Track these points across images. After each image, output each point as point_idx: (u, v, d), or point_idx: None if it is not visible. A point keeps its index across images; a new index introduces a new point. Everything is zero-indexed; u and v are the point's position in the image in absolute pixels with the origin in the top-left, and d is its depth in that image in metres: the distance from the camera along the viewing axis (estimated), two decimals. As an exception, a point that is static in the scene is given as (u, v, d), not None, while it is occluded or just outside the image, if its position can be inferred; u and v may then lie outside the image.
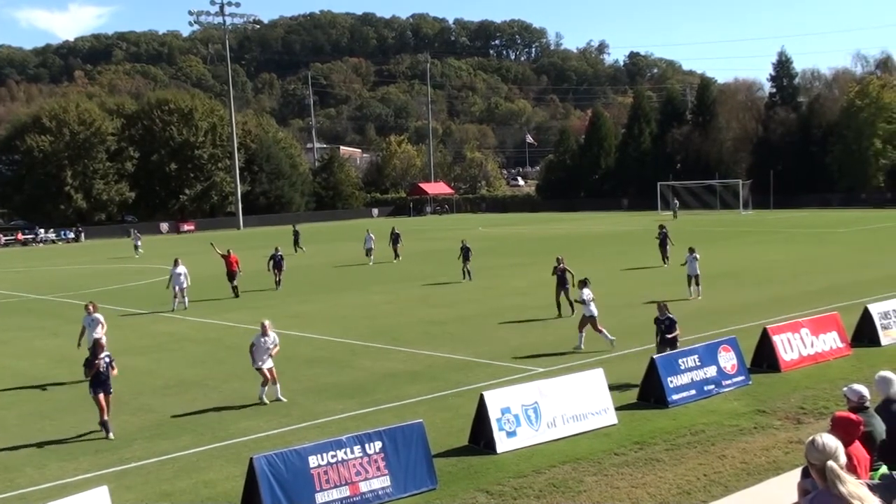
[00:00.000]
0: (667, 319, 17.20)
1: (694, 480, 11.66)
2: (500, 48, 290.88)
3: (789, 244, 47.06)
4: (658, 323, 17.40)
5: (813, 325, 18.69)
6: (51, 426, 16.03)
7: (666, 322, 17.19)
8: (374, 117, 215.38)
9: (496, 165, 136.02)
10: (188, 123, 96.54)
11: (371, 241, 45.55)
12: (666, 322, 17.19)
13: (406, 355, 21.06)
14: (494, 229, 73.11)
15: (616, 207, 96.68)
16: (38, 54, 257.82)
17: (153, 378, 19.79)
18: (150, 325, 28.18)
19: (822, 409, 14.52)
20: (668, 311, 17.38)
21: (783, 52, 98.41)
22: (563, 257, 26.21)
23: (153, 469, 13.30)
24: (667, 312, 17.29)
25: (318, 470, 11.13)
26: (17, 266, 53.21)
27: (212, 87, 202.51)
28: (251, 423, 15.49)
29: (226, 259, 34.27)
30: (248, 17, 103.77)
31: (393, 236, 47.40)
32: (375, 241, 46.01)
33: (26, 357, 23.26)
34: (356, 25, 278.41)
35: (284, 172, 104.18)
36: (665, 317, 17.24)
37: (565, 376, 15.00)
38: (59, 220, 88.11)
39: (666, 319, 17.21)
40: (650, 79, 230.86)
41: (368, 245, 45.41)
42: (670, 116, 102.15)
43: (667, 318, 17.20)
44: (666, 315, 17.24)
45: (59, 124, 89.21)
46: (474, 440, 13.53)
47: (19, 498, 12.27)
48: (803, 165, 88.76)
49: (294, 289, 35.02)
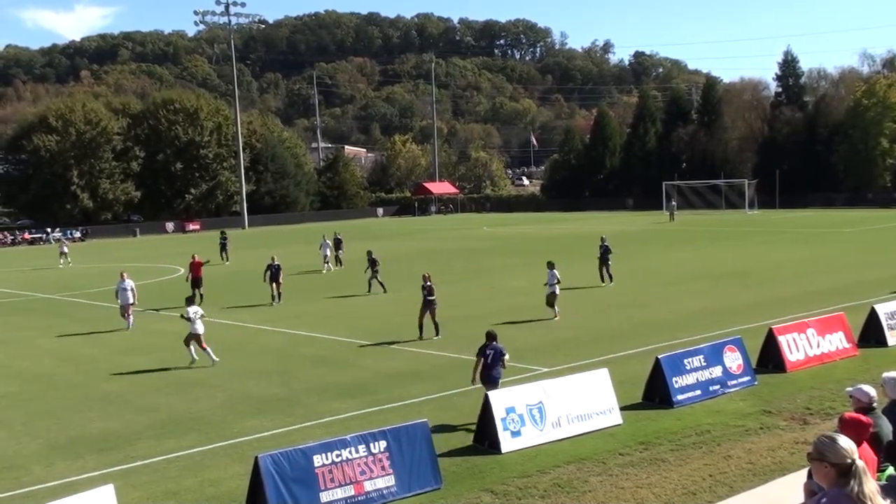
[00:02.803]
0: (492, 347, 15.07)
1: (699, 481, 11.63)
2: (504, 48, 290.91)
3: (795, 244, 46.96)
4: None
5: (819, 325, 18.63)
6: (57, 425, 16.06)
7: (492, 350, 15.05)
8: (379, 117, 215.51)
9: (501, 165, 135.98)
10: (193, 123, 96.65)
11: (327, 247, 42.58)
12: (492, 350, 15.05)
13: (410, 355, 21.07)
14: (499, 229, 73.09)
15: (621, 207, 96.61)
16: (44, 54, 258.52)
17: (158, 377, 19.82)
18: (154, 324, 28.21)
19: (829, 410, 14.48)
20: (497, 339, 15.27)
21: (789, 52, 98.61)
22: (429, 274, 23.54)
23: (159, 467, 13.32)
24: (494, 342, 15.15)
25: (323, 469, 11.13)
26: (23, 265, 53.30)
27: (217, 86, 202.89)
28: (256, 422, 15.50)
29: (191, 265, 32.99)
30: (253, 16, 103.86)
31: (335, 242, 43.98)
32: (332, 248, 43.10)
33: (32, 356, 23.29)
34: (361, 25, 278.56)
35: (289, 172, 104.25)
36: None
37: (570, 376, 14.98)
38: (65, 219, 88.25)
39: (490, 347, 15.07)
40: (655, 78, 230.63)
41: (325, 252, 42.37)
42: (675, 116, 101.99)
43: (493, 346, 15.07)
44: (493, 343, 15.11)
45: (65, 124, 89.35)
46: (479, 440, 13.52)
47: (26, 496, 12.29)
48: (809, 165, 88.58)
49: (298, 289, 34.98)
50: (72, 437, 15.19)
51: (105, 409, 17.00)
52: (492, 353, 14.89)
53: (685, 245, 49.45)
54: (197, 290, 31.85)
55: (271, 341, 24.08)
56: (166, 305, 31.82)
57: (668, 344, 19.59)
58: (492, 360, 14.84)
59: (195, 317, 20.89)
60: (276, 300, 31.09)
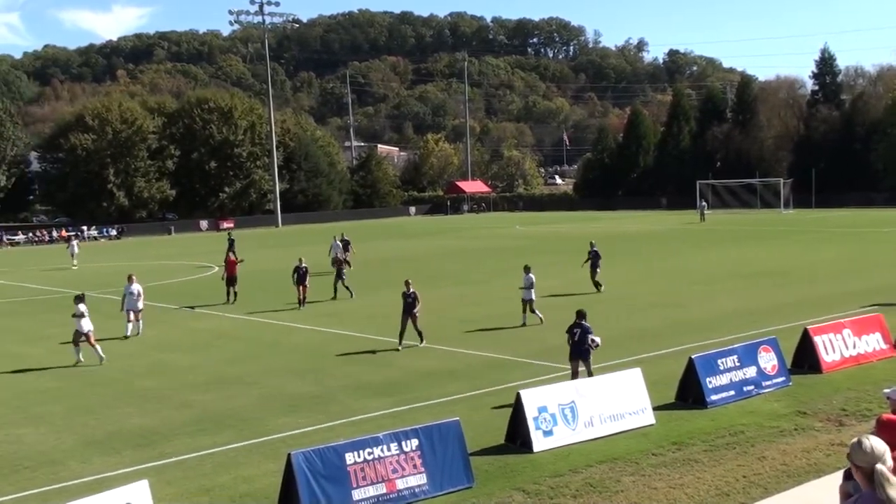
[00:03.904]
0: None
1: (733, 482, 11.54)
2: (538, 46, 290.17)
3: (831, 244, 46.42)
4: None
5: (855, 325, 18.41)
6: (94, 420, 16.28)
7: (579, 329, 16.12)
8: (412, 116, 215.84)
9: (533, 164, 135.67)
10: (228, 122, 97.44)
11: (338, 248, 39.63)
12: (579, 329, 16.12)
13: (443, 353, 21.10)
14: (531, 228, 72.95)
15: (654, 206, 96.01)
16: (81, 54, 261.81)
17: (194, 374, 20.02)
18: (190, 321, 28.50)
19: (865, 412, 14.31)
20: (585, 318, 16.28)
21: (826, 49, 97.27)
22: (411, 281, 22.40)
23: (193, 464, 13.45)
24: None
25: (355, 467, 11.18)
26: (60, 263, 54.02)
27: (251, 85, 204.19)
28: (289, 420, 15.61)
29: (226, 263, 33.22)
30: (287, 16, 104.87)
31: (343, 243, 41.49)
32: (342, 250, 39.90)
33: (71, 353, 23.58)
34: (394, 24, 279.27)
35: (322, 170, 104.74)
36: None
37: (602, 376, 14.94)
38: (101, 217, 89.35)
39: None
40: (690, 76, 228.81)
41: (335, 253, 38.68)
42: (710, 114, 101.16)
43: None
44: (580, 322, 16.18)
45: (101, 123, 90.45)
46: (511, 439, 13.51)
47: (62, 491, 12.46)
48: (846, 164, 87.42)
49: (327, 287, 35.04)
50: (109, 433, 15.39)
51: (142, 406, 17.20)
52: (579, 332, 16.10)
53: (719, 245, 49.04)
54: (231, 289, 32.13)
55: (304, 339, 24.23)
56: (201, 303, 32.14)
57: (701, 344, 19.46)
58: (579, 338, 16.06)
59: (83, 314, 21.39)
60: (301, 304, 30.05)
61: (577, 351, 16.13)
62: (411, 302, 21.72)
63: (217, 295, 32.86)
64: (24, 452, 14.46)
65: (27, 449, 14.66)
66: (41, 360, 22.63)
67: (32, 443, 15.03)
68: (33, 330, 28.17)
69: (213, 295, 33.53)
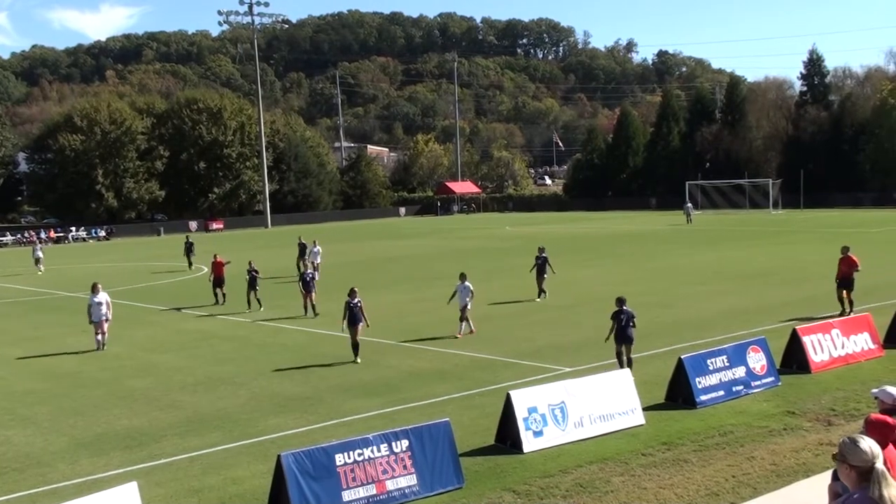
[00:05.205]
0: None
1: (722, 482, 11.57)
2: (527, 47, 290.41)
3: (820, 244, 46.55)
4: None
5: (844, 325, 18.49)
6: (83, 422, 16.21)
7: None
8: (402, 116, 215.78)
9: (523, 164, 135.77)
10: (217, 122, 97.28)
11: (318, 255, 38.60)
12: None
13: (433, 354, 21.08)
14: (522, 228, 72.98)
15: (644, 207, 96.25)
16: (70, 54, 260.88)
17: (182, 375, 19.96)
18: (179, 322, 28.42)
19: (853, 411, 14.36)
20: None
21: (814, 50, 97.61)
22: (357, 289, 21.11)
23: (182, 465, 13.40)
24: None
25: (345, 468, 11.16)
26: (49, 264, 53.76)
27: (240, 86, 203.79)
28: (279, 421, 15.58)
29: (213, 264, 32.36)
30: (276, 16, 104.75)
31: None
32: (322, 255, 39.33)
33: (58, 354, 23.51)
34: (384, 25, 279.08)
35: (312, 171, 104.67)
36: None
37: (592, 376, 14.95)
38: (90, 218, 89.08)
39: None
40: (679, 77, 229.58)
41: (316, 259, 38.09)
42: (699, 115, 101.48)
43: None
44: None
45: (90, 123, 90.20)
46: (501, 439, 13.51)
47: (50, 493, 12.40)
48: (835, 165, 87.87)
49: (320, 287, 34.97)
50: (97, 434, 15.33)
51: (130, 407, 17.14)
52: (625, 317, 17.25)
53: (709, 245, 49.17)
54: (219, 290, 31.95)
55: (293, 340, 24.18)
56: (189, 304, 32.05)
57: (691, 344, 19.51)
58: (624, 323, 17.22)
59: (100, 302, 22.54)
60: (307, 312, 28.25)
61: (622, 336, 17.19)
62: (357, 312, 20.39)
63: (205, 295, 32.76)
64: (12, 454, 14.38)
65: (14, 451, 14.58)
66: (28, 361, 22.52)
67: (20, 444, 14.95)
68: (20, 331, 28.03)
69: (201, 296, 33.43)
